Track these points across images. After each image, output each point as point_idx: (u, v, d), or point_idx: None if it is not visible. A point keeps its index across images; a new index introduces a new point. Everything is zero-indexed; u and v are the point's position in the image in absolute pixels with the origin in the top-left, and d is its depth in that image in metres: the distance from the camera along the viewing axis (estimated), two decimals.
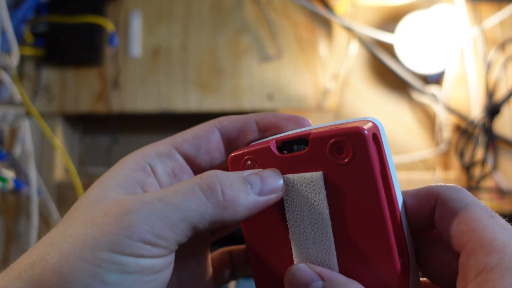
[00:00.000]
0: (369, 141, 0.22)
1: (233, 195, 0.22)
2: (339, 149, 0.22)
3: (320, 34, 0.81)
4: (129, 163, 0.25)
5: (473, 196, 0.23)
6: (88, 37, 0.79)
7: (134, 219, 0.20)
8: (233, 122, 0.26)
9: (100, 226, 0.20)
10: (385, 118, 0.86)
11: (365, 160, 0.22)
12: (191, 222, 0.21)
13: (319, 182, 0.23)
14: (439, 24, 0.79)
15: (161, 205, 0.21)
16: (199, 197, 0.21)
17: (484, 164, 0.75)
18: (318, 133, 0.23)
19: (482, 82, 0.79)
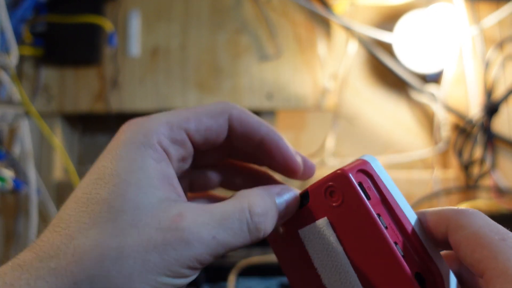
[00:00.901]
0: (351, 180, 0.25)
1: (267, 230, 0.25)
2: (332, 193, 0.25)
3: (319, 33, 0.81)
4: (150, 152, 0.24)
5: (484, 217, 0.23)
6: (87, 37, 0.79)
7: (191, 254, 0.22)
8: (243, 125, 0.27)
9: (161, 255, 0.22)
10: (384, 118, 0.86)
11: (354, 196, 0.24)
12: (231, 250, 0.24)
13: (326, 227, 0.26)
14: (437, 23, 0.79)
15: (213, 243, 0.23)
16: (245, 236, 0.24)
17: (483, 163, 0.75)
18: (313, 185, 0.27)
19: (480, 81, 0.79)
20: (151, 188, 0.23)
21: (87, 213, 0.22)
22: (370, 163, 0.26)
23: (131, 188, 0.22)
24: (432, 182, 0.79)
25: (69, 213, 0.23)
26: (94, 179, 0.23)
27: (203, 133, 0.26)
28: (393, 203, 0.25)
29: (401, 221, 0.24)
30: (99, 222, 0.22)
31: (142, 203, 0.22)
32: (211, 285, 0.59)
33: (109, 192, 0.22)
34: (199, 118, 0.26)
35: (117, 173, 0.23)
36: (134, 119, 0.26)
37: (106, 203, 0.22)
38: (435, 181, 0.78)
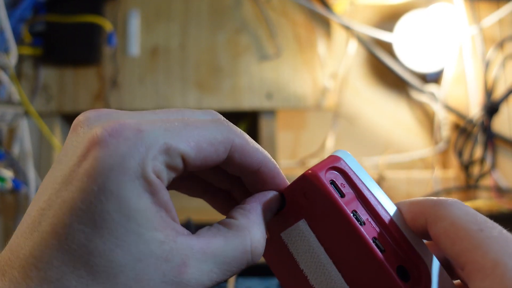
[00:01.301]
0: (321, 180, 0.24)
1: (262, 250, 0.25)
2: (306, 194, 0.25)
3: (319, 33, 0.81)
4: (144, 184, 0.20)
5: (462, 207, 0.22)
6: (86, 36, 0.79)
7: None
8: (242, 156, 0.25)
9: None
10: (383, 117, 0.86)
11: (325, 196, 0.24)
12: None
13: (305, 229, 0.26)
14: (437, 23, 0.79)
15: (211, 284, 0.22)
16: (245, 264, 0.23)
17: (483, 163, 0.75)
18: (288, 187, 0.27)
19: (480, 81, 0.79)
20: (150, 232, 0.20)
21: (83, 265, 0.19)
22: (342, 158, 0.26)
23: (130, 237, 0.20)
24: (432, 182, 0.79)
25: (59, 261, 0.19)
26: (79, 217, 0.19)
27: (199, 162, 0.22)
28: (369, 196, 0.24)
29: (378, 214, 0.24)
30: (99, 278, 0.19)
31: (143, 254, 0.20)
32: None
33: (105, 242, 0.19)
34: (199, 144, 0.22)
35: (111, 218, 0.19)
36: (122, 120, 0.21)
37: (103, 255, 0.19)
38: (435, 181, 0.78)
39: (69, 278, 0.19)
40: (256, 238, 0.24)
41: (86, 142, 0.20)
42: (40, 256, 0.19)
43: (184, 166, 0.22)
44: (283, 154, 0.85)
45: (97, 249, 0.19)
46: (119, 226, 0.19)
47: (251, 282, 0.59)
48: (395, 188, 0.79)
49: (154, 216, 0.20)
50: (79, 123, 0.22)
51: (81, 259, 0.19)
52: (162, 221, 0.21)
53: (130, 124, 0.21)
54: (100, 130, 0.20)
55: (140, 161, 0.20)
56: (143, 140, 0.20)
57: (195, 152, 0.22)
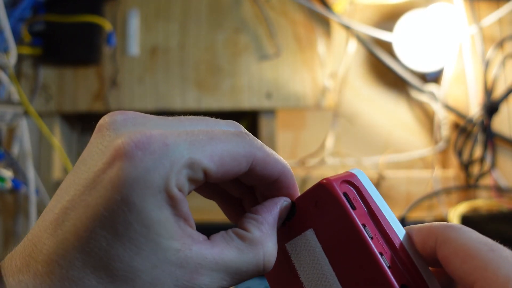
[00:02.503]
0: (335, 189, 0.24)
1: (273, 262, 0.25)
2: (317, 204, 0.25)
3: (318, 32, 0.81)
4: (166, 198, 0.21)
5: (473, 231, 0.23)
6: (86, 36, 0.78)
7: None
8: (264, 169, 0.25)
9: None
10: (383, 117, 0.86)
11: (338, 206, 0.24)
12: None
13: (312, 238, 0.26)
14: (437, 22, 0.79)
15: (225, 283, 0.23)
16: (256, 275, 0.24)
17: (483, 162, 0.75)
18: (300, 197, 0.27)
19: (480, 80, 0.79)
20: (168, 241, 0.21)
21: (103, 269, 0.20)
22: (357, 175, 0.26)
23: (149, 245, 0.20)
24: (432, 181, 0.78)
25: (81, 262, 0.20)
26: (101, 223, 0.20)
27: (221, 175, 0.23)
28: (380, 216, 0.25)
29: (387, 233, 0.24)
30: (118, 281, 0.20)
31: (159, 261, 0.21)
32: None
33: (125, 250, 0.20)
34: (222, 159, 0.22)
35: (133, 228, 0.20)
36: (148, 132, 0.21)
37: (123, 261, 0.20)
38: (435, 181, 0.78)
39: (90, 279, 0.20)
40: (269, 252, 0.24)
41: (112, 150, 0.21)
42: (63, 255, 0.20)
43: (206, 178, 0.22)
44: (283, 154, 0.85)
45: (117, 255, 0.20)
46: (139, 236, 0.20)
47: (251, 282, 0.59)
48: (395, 187, 0.79)
49: (173, 226, 0.21)
50: (105, 125, 0.22)
51: (102, 262, 0.20)
52: (180, 230, 0.21)
53: (156, 137, 0.21)
54: (127, 140, 0.20)
55: (165, 175, 0.20)
56: (168, 154, 0.21)
57: (217, 166, 0.22)
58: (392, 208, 0.26)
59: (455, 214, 0.72)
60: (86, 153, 0.22)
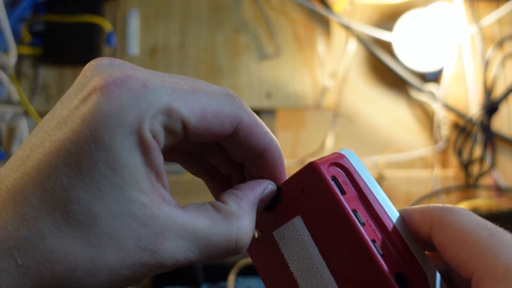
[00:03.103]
0: (322, 173, 0.23)
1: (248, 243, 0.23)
2: (305, 189, 0.24)
3: (318, 32, 0.81)
4: (137, 141, 0.19)
5: (471, 213, 0.21)
6: (86, 36, 0.79)
7: (163, 271, 0.21)
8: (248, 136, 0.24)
9: (134, 273, 0.20)
10: (383, 116, 0.86)
11: (326, 191, 0.23)
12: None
13: (300, 226, 0.24)
14: (437, 22, 0.79)
15: (186, 262, 0.21)
16: (227, 253, 0.22)
17: (483, 162, 0.75)
18: (286, 181, 0.25)
19: (480, 80, 0.79)
20: (135, 192, 0.20)
21: (59, 209, 0.19)
22: (346, 156, 0.24)
23: (113, 192, 0.19)
24: (432, 181, 0.79)
25: (37, 199, 0.19)
26: (66, 159, 0.19)
27: (201, 131, 0.21)
28: (372, 199, 0.23)
29: (380, 218, 0.23)
30: (73, 225, 0.19)
31: (123, 212, 0.19)
32: (210, 285, 0.59)
33: (86, 191, 0.19)
34: (204, 113, 0.21)
35: (97, 167, 0.19)
36: (130, 72, 0.20)
37: (82, 204, 0.19)
38: (435, 180, 0.78)
39: (43, 219, 0.19)
40: (243, 228, 0.23)
41: (90, 87, 0.20)
42: (20, 190, 0.19)
43: (185, 133, 0.21)
44: (283, 153, 0.85)
45: (77, 196, 0.19)
46: (104, 178, 0.19)
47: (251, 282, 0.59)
48: (394, 187, 0.79)
49: (143, 177, 0.20)
50: (90, 67, 0.22)
51: (59, 202, 0.19)
52: (150, 185, 0.20)
53: (137, 77, 0.20)
54: (106, 77, 0.20)
55: (138, 116, 0.19)
56: (146, 95, 0.19)
57: (198, 120, 0.21)
58: None
59: None
60: (66, 93, 0.21)
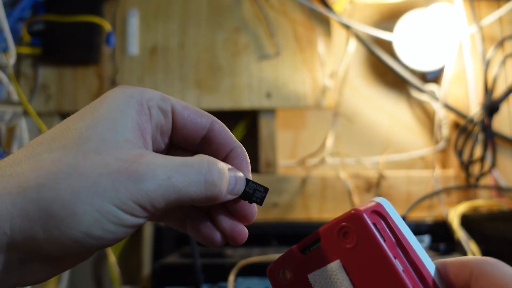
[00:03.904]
0: (366, 219, 0.24)
1: (222, 192, 0.26)
2: (345, 234, 0.25)
3: (318, 32, 0.80)
4: (135, 103, 0.26)
5: (506, 265, 0.22)
6: (85, 36, 0.78)
7: (143, 188, 0.23)
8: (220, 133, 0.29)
9: (113, 181, 0.22)
10: (383, 116, 0.86)
11: (369, 238, 0.24)
12: (183, 201, 0.24)
13: (339, 270, 0.25)
14: (437, 22, 0.78)
15: (167, 184, 0.23)
16: (200, 188, 0.25)
17: (483, 162, 0.75)
18: (325, 226, 0.26)
19: (480, 80, 0.78)
20: (124, 130, 0.24)
21: (59, 138, 0.24)
22: (383, 205, 0.25)
23: (106, 123, 0.24)
24: (432, 181, 0.78)
25: (42, 137, 0.24)
26: (78, 114, 0.25)
27: (185, 119, 0.28)
28: (409, 247, 0.24)
29: (418, 266, 0.24)
30: (66, 146, 0.23)
31: (110, 138, 0.24)
32: (210, 285, 0.58)
33: (85, 124, 0.24)
34: (187, 106, 0.28)
35: (98, 111, 0.25)
36: None
37: (78, 131, 0.24)
38: (435, 180, 0.78)
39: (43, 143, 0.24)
40: (213, 160, 0.26)
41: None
42: (40, 135, 0.25)
43: (172, 117, 0.27)
44: (283, 153, 0.85)
45: (76, 127, 0.24)
46: (101, 116, 0.24)
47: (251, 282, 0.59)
48: (395, 187, 0.79)
49: (132, 123, 0.25)
50: None
51: (61, 134, 0.24)
52: (136, 131, 0.25)
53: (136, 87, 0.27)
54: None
55: (138, 90, 0.26)
56: (144, 87, 0.27)
57: (182, 107, 0.28)
58: None
59: (456, 213, 0.72)
60: None
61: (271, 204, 0.77)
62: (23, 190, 0.22)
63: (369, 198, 0.78)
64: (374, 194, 0.78)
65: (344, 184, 0.77)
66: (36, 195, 0.22)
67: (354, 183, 0.78)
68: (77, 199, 0.22)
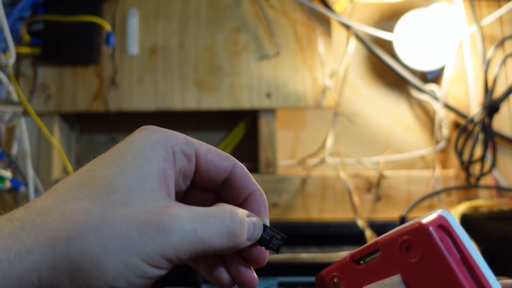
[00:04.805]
0: (433, 234, 0.23)
1: (242, 241, 0.26)
2: (408, 248, 0.24)
3: (318, 31, 0.80)
4: (160, 149, 0.26)
5: None
6: (85, 36, 0.78)
7: (170, 242, 0.23)
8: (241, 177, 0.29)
9: (141, 235, 0.23)
10: (384, 116, 0.86)
11: (436, 253, 0.23)
12: (206, 252, 0.25)
13: (400, 285, 0.24)
14: (438, 21, 0.78)
15: (193, 237, 0.24)
16: (223, 238, 0.25)
17: (483, 162, 0.75)
18: (385, 238, 0.25)
19: (481, 80, 0.78)
20: (150, 178, 0.24)
21: (86, 185, 0.24)
22: (447, 219, 0.24)
23: (133, 172, 0.24)
24: (432, 181, 0.78)
25: (69, 182, 0.24)
26: (104, 159, 0.25)
27: (208, 163, 0.28)
28: (475, 265, 0.23)
29: (484, 286, 0.23)
30: (94, 195, 0.23)
31: (137, 187, 0.24)
32: (210, 285, 0.58)
33: (112, 171, 0.24)
34: (210, 148, 0.28)
35: (125, 157, 0.25)
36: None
37: (106, 180, 0.24)
38: (435, 180, 0.78)
39: (71, 190, 0.24)
40: (234, 210, 0.26)
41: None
42: (66, 179, 0.25)
43: (196, 161, 0.27)
44: (283, 153, 0.85)
45: (103, 175, 0.24)
46: (128, 164, 0.24)
47: None
48: (395, 187, 0.79)
49: (157, 170, 0.25)
50: None
51: (88, 181, 0.24)
52: (161, 178, 0.25)
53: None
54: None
55: (163, 135, 0.26)
56: (168, 129, 0.27)
57: (205, 150, 0.28)
58: (392, 208, 0.25)
59: (456, 213, 0.72)
60: None
61: (271, 204, 0.77)
62: (52, 242, 0.22)
63: (369, 198, 0.78)
64: (374, 194, 0.78)
65: (344, 184, 0.77)
66: (66, 248, 0.22)
67: (354, 183, 0.78)
68: (105, 252, 0.22)
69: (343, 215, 0.77)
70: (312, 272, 0.64)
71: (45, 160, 0.78)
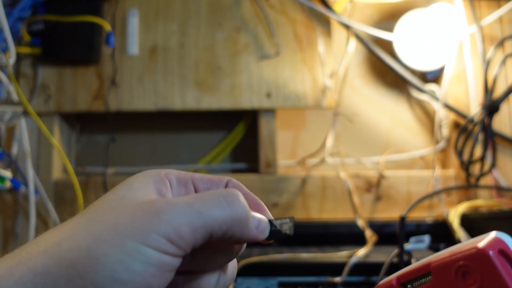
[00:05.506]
0: (495, 260, 0.22)
1: (246, 211, 0.25)
2: (465, 274, 0.22)
3: (318, 31, 0.80)
4: (153, 175, 0.26)
5: None
6: (85, 36, 0.78)
7: (164, 218, 0.22)
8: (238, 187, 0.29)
9: (131, 218, 0.22)
10: (384, 116, 0.86)
11: (497, 280, 0.21)
12: (210, 229, 0.23)
13: None
14: (438, 22, 0.78)
15: (189, 210, 0.23)
16: (223, 207, 0.24)
17: (483, 162, 0.75)
18: (439, 262, 0.23)
19: (481, 80, 0.78)
20: (144, 191, 0.25)
21: (79, 213, 0.24)
22: (506, 242, 0.23)
23: (123, 188, 0.25)
24: (432, 181, 0.78)
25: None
26: (104, 200, 0.25)
27: (205, 184, 0.28)
28: None
29: None
30: (84, 212, 0.24)
31: (129, 195, 0.24)
32: None
33: (104, 197, 0.25)
34: (204, 175, 0.29)
35: (116, 189, 0.25)
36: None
37: (97, 203, 0.24)
38: (435, 180, 0.78)
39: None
40: (236, 192, 0.25)
41: None
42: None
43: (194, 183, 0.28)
44: (283, 153, 0.85)
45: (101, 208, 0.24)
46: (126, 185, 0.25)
47: (251, 282, 0.59)
48: (395, 187, 0.79)
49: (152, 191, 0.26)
50: None
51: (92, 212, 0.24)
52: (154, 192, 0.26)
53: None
54: None
55: (158, 171, 0.27)
56: (163, 169, 0.28)
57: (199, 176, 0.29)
58: (392, 208, 0.24)
59: (456, 213, 0.72)
60: None
61: (271, 204, 0.77)
62: (44, 250, 0.22)
63: (369, 198, 0.78)
64: (374, 194, 0.78)
65: (344, 184, 0.77)
66: (57, 250, 0.21)
67: (354, 183, 0.78)
68: (98, 241, 0.21)
69: (343, 215, 0.77)
70: (312, 272, 0.65)
71: (45, 160, 0.78)
